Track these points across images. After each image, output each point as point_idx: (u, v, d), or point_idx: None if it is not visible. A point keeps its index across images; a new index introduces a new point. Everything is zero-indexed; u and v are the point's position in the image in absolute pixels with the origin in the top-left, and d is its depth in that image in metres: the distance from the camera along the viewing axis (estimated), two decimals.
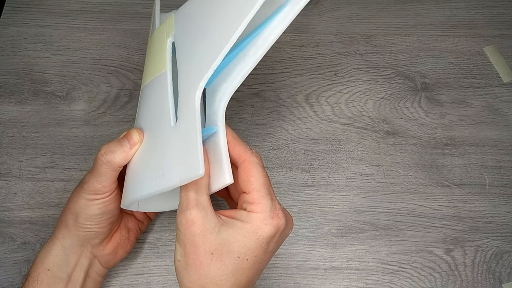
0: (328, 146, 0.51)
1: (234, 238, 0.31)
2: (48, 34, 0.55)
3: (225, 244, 0.31)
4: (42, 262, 0.38)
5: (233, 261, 0.31)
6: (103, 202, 0.37)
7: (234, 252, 0.31)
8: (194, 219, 0.31)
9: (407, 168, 0.50)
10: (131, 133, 0.36)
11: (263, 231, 0.31)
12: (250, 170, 0.32)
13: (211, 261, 0.31)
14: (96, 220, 0.37)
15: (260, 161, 0.33)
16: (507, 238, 0.47)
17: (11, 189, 0.48)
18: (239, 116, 0.51)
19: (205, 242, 0.31)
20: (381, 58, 0.54)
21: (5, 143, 0.50)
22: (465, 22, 0.56)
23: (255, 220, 0.31)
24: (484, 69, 0.54)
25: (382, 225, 0.48)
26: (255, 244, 0.31)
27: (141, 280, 0.45)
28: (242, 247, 0.31)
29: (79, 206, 0.37)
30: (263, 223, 0.31)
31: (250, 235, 0.31)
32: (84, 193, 0.36)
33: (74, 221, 0.37)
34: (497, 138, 0.51)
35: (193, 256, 0.31)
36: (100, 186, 0.36)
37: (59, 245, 0.38)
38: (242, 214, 0.32)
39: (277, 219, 0.32)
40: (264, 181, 0.32)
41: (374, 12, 0.57)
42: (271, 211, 0.31)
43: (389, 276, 0.46)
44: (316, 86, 0.53)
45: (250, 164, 0.32)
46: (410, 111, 0.52)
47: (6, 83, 0.52)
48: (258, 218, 0.31)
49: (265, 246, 0.32)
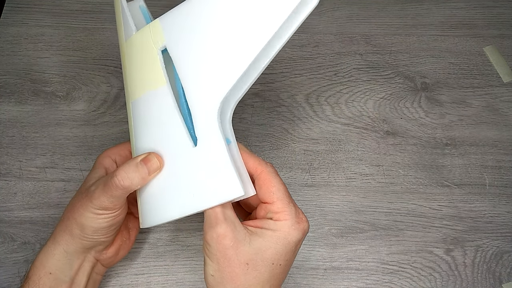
0: (328, 146, 0.51)
1: (266, 246, 0.32)
2: (48, 34, 0.55)
3: (258, 253, 0.32)
4: (43, 266, 0.37)
5: (268, 268, 0.33)
6: (112, 217, 0.36)
7: (268, 260, 0.33)
8: (225, 233, 0.32)
9: (407, 168, 0.50)
10: (150, 159, 0.35)
11: (293, 236, 0.33)
12: (270, 180, 0.34)
13: (247, 271, 0.32)
14: (103, 232, 0.37)
15: (275, 170, 0.35)
16: (507, 238, 0.47)
17: (11, 189, 0.48)
18: (239, 116, 0.51)
19: (238, 254, 0.32)
20: (381, 58, 0.54)
21: (5, 143, 0.50)
22: (465, 22, 0.56)
23: (284, 227, 0.33)
24: (484, 69, 0.54)
25: (382, 225, 0.48)
26: (286, 249, 0.33)
27: (141, 280, 0.45)
28: (275, 254, 0.33)
29: (85, 219, 0.36)
30: (292, 229, 0.33)
31: (281, 241, 0.33)
32: (93, 208, 0.35)
33: (80, 232, 0.37)
34: (497, 138, 0.51)
35: (228, 269, 0.32)
36: (111, 205, 0.35)
37: (62, 251, 0.37)
38: (270, 223, 0.33)
39: (303, 223, 0.34)
40: (284, 189, 0.34)
41: (374, 12, 0.57)
42: (296, 216, 0.33)
43: (389, 276, 0.46)
44: (316, 86, 0.53)
45: (269, 175, 0.34)
46: (410, 111, 0.52)
47: (6, 83, 0.52)
48: (286, 225, 0.33)
49: (294, 250, 0.34)
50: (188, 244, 0.46)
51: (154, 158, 0.35)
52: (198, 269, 0.46)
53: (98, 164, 0.40)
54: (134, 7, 0.40)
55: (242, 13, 0.32)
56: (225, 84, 0.32)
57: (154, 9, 0.43)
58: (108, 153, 0.40)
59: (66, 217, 0.38)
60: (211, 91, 0.33)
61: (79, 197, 0.37)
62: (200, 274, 0.45)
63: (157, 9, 0.47)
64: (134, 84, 0.37)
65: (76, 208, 0.37)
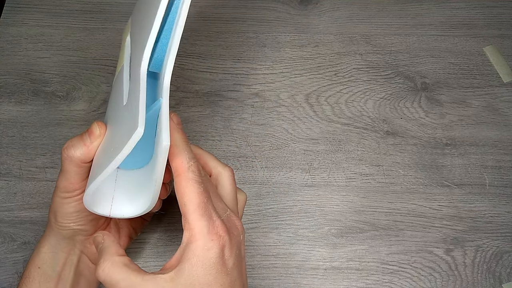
0: (328, 146, 0.51)
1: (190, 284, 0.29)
2: (48, 34, 0.55)
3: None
4: (33, 260, 0.38)
5: None
6: (75, 200, 0.36)
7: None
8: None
9: (407, 168, 0.50)
10: (91, 127, 0.34)
11: (210, 259, 0.29)
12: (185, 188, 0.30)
13: None
14: (73, 218, 0.37)
15: (196, 176, 0.30)
16: (507, 238, 0.47)
17: (11, 189, 0.48)
18: (239, 116, 0.51)
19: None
20: (381, 58, 0.54)
21: (5, 143, 0.50)
22: (465, 22, 0.56)
23: (197, 251, 0.29)
24: (484, 69, 0.54)
25: (382, 225, 0.48)
26: (211, 275, 0.29)
27: None
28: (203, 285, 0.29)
29: (55, 205, 0.36)
30: (205, 250, 0.29)
31: (201, 270, 0.29)
32: (57, 191, 0.36)
33: (54, 220, 0.37)
34: (497, 138, 0.51)
35: None
36: (67, 183, 0.35)
37: (47, 243, 0.38)
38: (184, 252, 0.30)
39: (218, 238, 0.29)
40: (199, 200, 0.30)
41: (374, 12, 0.57)
42: (210, 232, 0.29)
43: (389, 276, 0.46)
44: (316, 86, 0.53)
45: (184, 181, 0.30)
46: (410, 111, 0.52)
47: (6, 83, 0.52)
48: (198, 248, 0.29)
49: (222, 269, 0.30)
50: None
51: (95, 125, 0.34)
52: None
53: None
54: None
55: None
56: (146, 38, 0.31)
57: None
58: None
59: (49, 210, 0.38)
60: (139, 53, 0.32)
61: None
62: None
63: None
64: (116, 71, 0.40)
65: (52, 198, 0.37)
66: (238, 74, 0.53)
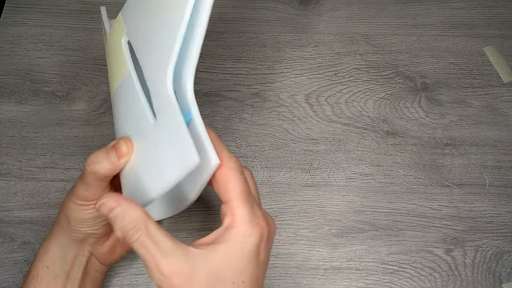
0: (328, 146, 0.51)
1: (221, 264, 0.28)
2: (48, 34, 0.55)
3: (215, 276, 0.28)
4: (41, 259, 0.38)
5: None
6: (93, 208, 0.35)
7: (227, 280, 0.28)
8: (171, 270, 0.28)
9: (407, 168, 0.50)
10: (119, 143, 0.34)
11: (249, 245, 0.29)
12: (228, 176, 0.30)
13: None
14: (88, 223, 0.37)
15: (238, 167, 0.30)
16: (507, 238, 0.47)
17: (11, 189, 0.48)
18: (239, 116, 0.51)
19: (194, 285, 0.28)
20: (381, 58, 0.54)
21: (5, 143, 0.50)
22: (465, 22, 0.56)
23: (237, 237, 0.29)
24: (484, 69, 0.54)
25: (382, 225, 0.48)
26: (244, 262, 0.29)
27: (141, 280, 0.45)
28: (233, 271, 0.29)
29: (70, 210, 0.36)
30: (246, 236, 0.29)
31: (237, 255, 0.29)
32: (74, 198, 0.35)
33: (67, 223, 0.37)
34: (497, 138, 0.51)
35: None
36: (88, 193, 0.35)
37: (57, 244, 0.38)
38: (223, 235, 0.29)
39: (259, 228, 0.29)
40: (242, 188, 0.30)
41: (374, 12, 0.57)
42: (251, 221, 0.29)
43: (389, 276, 0.46)
44: (316, 86, 0.53)
45: (228, 171, 0.30)
46: (410, 111, 0.52)
47: (6, 83, 0.52)
48: (239, 233, 0.29)
49: (256, 260, 0.29)
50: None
51: (122, 142, 0.33)
52: None
53: None
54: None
55: None
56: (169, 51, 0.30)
57: None
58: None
59: (59, 211, 0.38)
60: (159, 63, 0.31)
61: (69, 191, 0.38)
62: None
63: None
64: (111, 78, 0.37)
65: (65, 201, 0.37)
66: (238, 74, 0.53)
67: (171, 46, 0.30)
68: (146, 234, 0.29)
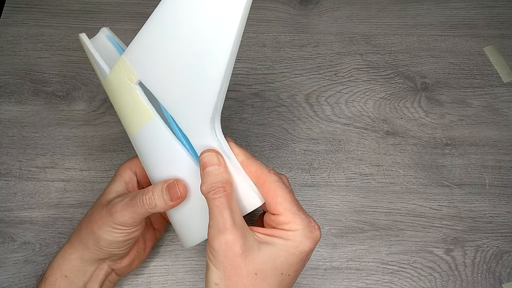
0: (328, 146, 0.51)
1: (277, 255, 0.31)
2: (48, 34, 0.55)
3: (268, 262, 0.31)
4: (60, 268, 0.38)
5: (277, 279, 0.31)
6: (128, 232, 0.36)
7: (278, 269, 0.31)
8: (235, 239, 0.30)
9: (407, 168, 0.50)
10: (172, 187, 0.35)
11: (305, 246, 0.32)
12: (274, 190, 0.32)
13: (255, 282, 0.30)
14: (118, 245, 0.37)
15: (278, 178, 0.33)
16: (507, 238, 0.47)
17: (11, 189, 0.48)
18: (239, 116, 0.51)
19: (248, 262, 0.30)
20: (381, 58, 0.54)
21: (5, 143, 0.50)
22: (465, 22, 0.56)
23: (297, 237, 0.31)
24: (484, 69, 0.54)
25: (382, 225, 0.48)
26: (297, 259, 0.32)
27: (141, 280, 0.45)
28: (286, 263, 0.31)
29: (103, 232, 0.36)
30: (304, 238, 0.31)
31: (293, 251, 0.31)
32: (112, 222, 0.35)
33: (95, 244, 0.37)
34: (497, 138, 0.51)
35: (235, 279, 0.30)
36: (131, 221, 0.35)
37: (78, 257, 0.38)
38: (281, 233, 0.32)
39: (315, 232, 0.32)
40: (291, 198, 0.32)
41: (374, 12, 0.57)
42: (308, 225, 0.32)
43: (389, 276, 0.46)
44: (316, 86, 0.53)
45: (272, 184, 0.32)
46: (410, 111, 0.52)
47: (6, 83, 0.52)
48: (298, 235, 0.31)
49: (304, 260, 0.32)
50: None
51: (175, 186, 0.34)
52: (198, 269, 0.46)
53: (119, 177, 0.39)
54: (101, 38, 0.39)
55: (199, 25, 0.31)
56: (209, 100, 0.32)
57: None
58: (128, 164, 0.40)
59: (84, 226, 0.38)
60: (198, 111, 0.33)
61: (99, 209, 0.37)
62: (201, 274, 0.45)
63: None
64: (128, 120, 0.37)
65: (94, 220, 0.37)
66: (238, 74, 0.53)
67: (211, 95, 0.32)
68: (229, 198, 0.31)
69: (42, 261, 0.45)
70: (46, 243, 0.46)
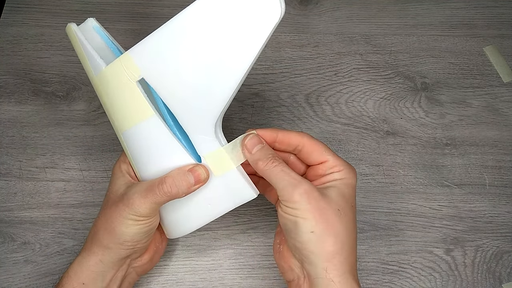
0: (328, 146, 0.50)
1: (343, 191, 0.35)
2: (48, 34, 0.55)
3: (341, 199, 0.34)
4: (77, 276, 0.37)
5: (352, 211, 0.35)
6: (149, 222, 0.36)
7: (349, 203, 0.35)
8: (311, 186, 0.34)
9: (407, 168, 0.50)
10: (197, 170, 0.36)
11: (353, 179, 0.36)
12: (316, 144, 0.37)
13: (340, 217, 0.33)
14: (140, 237, 0.37)
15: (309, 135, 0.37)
16: (507, 238, 0.47)
17: (11, 189, 0.48)
18: (239, 116, 0.51)
19: (329, 202, 0.34)
20: (381, 58, 0.54)
21: (5, 143, 0.50)
22: (465, 22, 0.56)
23: (346, 174, 0.36)
24: (484, 69, 0.54)
25: (382, 225, 0.48)
26: (353, 191, 0.36)
27: (141, 280, 0.45)
28: (350, 196, 0.35)
29: (125, 226, 0.36)
30: (351, 174, 0.36)
31: (349, 186, 0.36)
32: (132, 215, 0.35)
33: (117, 242, 0.36)
34: (497, 138, 0.51)
35: (325, 220, 0.33)
36: (151, 211, 0.35)
37: (98, 261, 0.37)
38: (334, 175, 0.36)
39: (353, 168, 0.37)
40: (327, 146, 0.37)
41: (374, 12, 0.57)
42: (347, 163, 0.37)
43: (389, 276, 0.46)
44: (316, 86, 0.53)
45: (311, 140, 0.37)
46: (410, 111, 0.52)
47: (6, 83, 0.52)
48: (345, 173, 0.36)
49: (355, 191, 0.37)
50: (188, 244, 0.46)
51: (201, 168, 0.36)
52: (198, 269, 0.46)
53: (118, 172, 0.39)
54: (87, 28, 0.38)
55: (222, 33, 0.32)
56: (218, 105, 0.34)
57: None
58: (121, 159, 0.40)
59: (101, 228, 0.37)
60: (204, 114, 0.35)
61: (113, 207, 0.36)
62: (201, 274, 0.45)
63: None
64: (120, 116, 0.37)
65: (113, 217, 0.36)
66: None
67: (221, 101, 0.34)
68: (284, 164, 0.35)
69: (42, 261, 0.45)
70: (46, 243, 0.46)
